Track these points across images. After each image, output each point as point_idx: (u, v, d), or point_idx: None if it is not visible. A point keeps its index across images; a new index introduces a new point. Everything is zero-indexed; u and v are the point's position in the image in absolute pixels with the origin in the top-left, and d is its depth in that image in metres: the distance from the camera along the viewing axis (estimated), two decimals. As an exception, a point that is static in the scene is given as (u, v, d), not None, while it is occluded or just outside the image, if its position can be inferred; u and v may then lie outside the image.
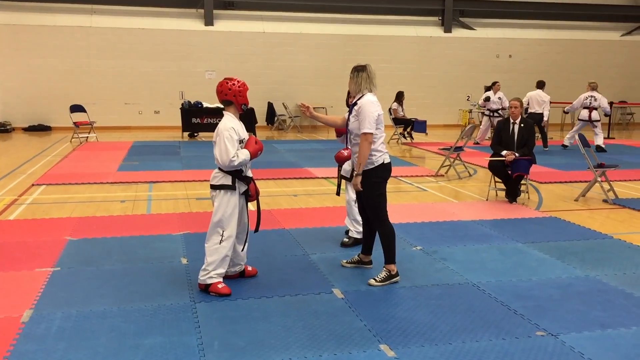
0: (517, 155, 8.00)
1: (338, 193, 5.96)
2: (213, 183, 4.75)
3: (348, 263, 5.44)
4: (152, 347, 3.79)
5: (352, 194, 5.88)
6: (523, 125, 8.23)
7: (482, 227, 6.91)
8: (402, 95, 15.91)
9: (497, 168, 8.24)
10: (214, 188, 4.74)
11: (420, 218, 7.28)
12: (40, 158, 12.39)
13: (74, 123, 15.47)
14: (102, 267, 5.34)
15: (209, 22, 19.31)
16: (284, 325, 4.12)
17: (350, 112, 5.02)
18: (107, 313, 4.31)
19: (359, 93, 4.99)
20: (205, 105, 16.90)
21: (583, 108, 13.98)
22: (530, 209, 7.88)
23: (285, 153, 13.52)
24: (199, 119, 16.73)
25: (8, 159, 12.19)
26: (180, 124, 16.83)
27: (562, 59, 21.80)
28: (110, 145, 14.67)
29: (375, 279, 4.96)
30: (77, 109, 15.92)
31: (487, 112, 15.61)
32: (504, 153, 8.10)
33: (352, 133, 5.02)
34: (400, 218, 7.05)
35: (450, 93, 21.08)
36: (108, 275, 5.11)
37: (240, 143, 4.67)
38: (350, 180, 5.79)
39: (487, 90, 15.87)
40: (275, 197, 8.60)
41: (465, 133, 10.82)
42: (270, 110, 19.73)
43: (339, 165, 5.97)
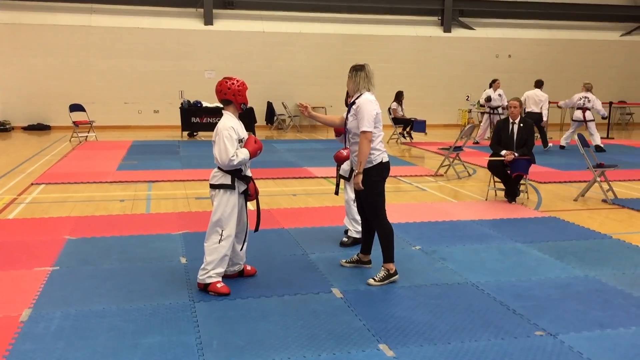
0: (516, 155, 8.00)
1: (337, 192, 5.98)
2: (212, 182, 4.75)
3: (347, 263, 5.44)
4: (151, 346, 3.79)
5: (351, 194, 5.88)
6: (522, 125, 8.23)
7: (481, 226, 6.91)
8: (401, 95, 15.90)
9: (496, 168, 8.23)
10: (213, 187, 4.74)
11: (420, 218, 7.28)
12: (40, 157, 12.39)
13: (74, 122, 15.46)
14: (101, 266, 5.34)
15: (209, 21, 19.31)
16: (283, 325, 4.12)
17: (349, 111, 5.02)
18: (106, 312, 4.31)
19: (357, 92, 4.99)
20: (205, 105, 16.91)
21: (577, 109, 13.98)
22: (530, 209, 7.89)
23: (285, 152, 13.52)
24: (199, 119, 16.74)
25: (7, 158, 12.18)
26: (180, 124, 16.83)
27: (561, 59, 21.80)
28: (110, 145, 14.67)
29: (374, 279, 4.96)
30: (76, 108, 15.89)
31: (487, 109, 15.63)
32: (503, 153, 8.10)
33: (350, 132, 5.02)
34: (400, 218, 7.05)
35: (450, 93, 21.09)
36: (107, 275, 5.11)
37: (240, 142, 4.67)
38: (349, 180, 5.80)
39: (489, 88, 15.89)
40: (275, 196, 8.59)
41: (465, 133, 10.82)
42: (270, 110, 19.72)
43: (338, 165, 5.99)
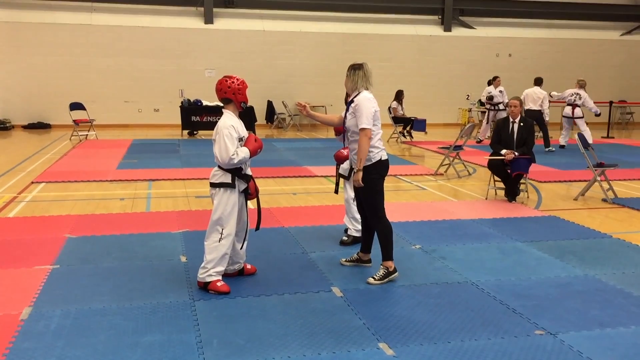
0: (516, 154, 8.00)
1: (336, 191, 5.99)
2: (213, 181, 4.75)
3: (347, 261, 5.44)
4: (151, 344, 3.79)
5: (350, 193, 5.89)
6: (523, 124, 8.22)
7: (481, 226, 6.91)
8: (401, 94, 15.90)
9: (496, 167, 8.23)
10: (214, 186, 4.74)
11: (420, 217, 7.28)
12: (40, 156, 12.39)
13: (74, 121, 15.46)
14: (101, 264, 5.34)
15: (209, 20, 19.30)
16: (283, 323, 4.12)
17: (347, 109, 5.02)
18: (106, 311, 4.31)
19: (355, 91, 5.00)
20: (205, 104, 16.91)
21: (567, 104, 14.00)
22: (530, 208, 7.89)
23: (285, 151, 13.52)
24: (199, 117, 16.74)
25: (7, 157, 12.18)
26: (180, 122, 16.84)
27: (561, 58, 21.80)
28: (110, 143, 14.67)
29: (374, 277, 4.97)
30: (76, 107, 15.89)
31: (488, 106, 15.64)
32: (504, 152, 8.10)
33: (349, 130, 5.02)
34: (400, 217, 7.05)
35: (450, 92, 21.08)
36: (107, 273, 5.11)
37: (240, 141, 4.67)
38: (348, 179, 5.80)
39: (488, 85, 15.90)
40: (275, 195, 8.59)
41: (465, 132, 10.82)
42: (270, 109, 19.72)
43: (337, 164, 5.99)
